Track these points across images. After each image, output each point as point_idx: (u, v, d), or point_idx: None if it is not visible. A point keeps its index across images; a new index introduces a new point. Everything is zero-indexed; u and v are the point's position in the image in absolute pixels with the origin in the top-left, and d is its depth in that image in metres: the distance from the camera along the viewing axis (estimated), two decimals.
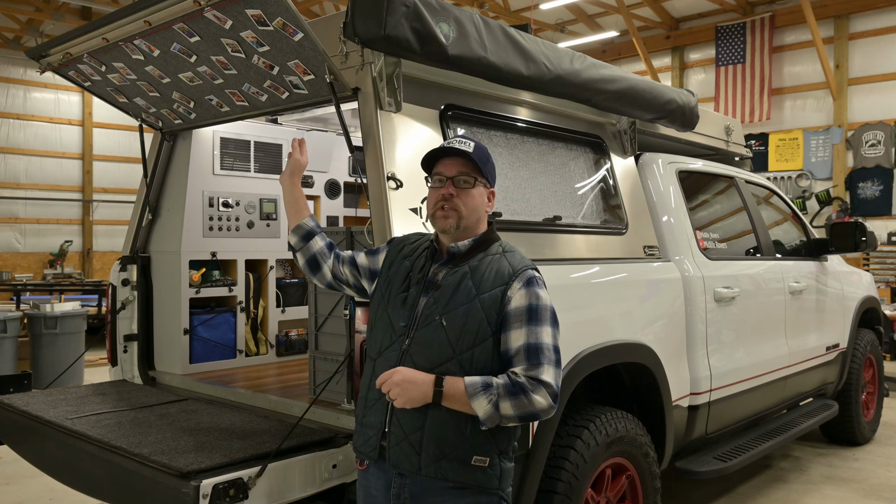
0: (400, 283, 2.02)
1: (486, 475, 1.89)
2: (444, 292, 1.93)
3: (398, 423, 1.91)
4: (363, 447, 2.00)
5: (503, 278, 1.92)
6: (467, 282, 1.93)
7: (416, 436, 1.88)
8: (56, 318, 7.13)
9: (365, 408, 2.00)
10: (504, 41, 2.77)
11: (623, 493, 2.97)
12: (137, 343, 3.61)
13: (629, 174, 3.53)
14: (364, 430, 2.00)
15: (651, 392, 3.16)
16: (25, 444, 2.86)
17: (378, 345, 2.01)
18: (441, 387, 1.82)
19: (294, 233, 2.25)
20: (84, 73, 3.19)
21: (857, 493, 4.33)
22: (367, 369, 2.05)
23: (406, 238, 2.16)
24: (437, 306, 1.92)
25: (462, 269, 1.96)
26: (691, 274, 3.45)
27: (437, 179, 2.01)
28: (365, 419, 2.00)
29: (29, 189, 12.73)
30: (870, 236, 4.72)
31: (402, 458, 1.90)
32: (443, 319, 1.90)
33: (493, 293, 1.89)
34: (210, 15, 2.47)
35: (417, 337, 1.92)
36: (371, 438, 1.96)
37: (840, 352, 4.88)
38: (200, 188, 3.75)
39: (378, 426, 1.95)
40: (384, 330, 2.00)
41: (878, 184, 10.69)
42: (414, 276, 2.01)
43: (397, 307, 1.99)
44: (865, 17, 10.81)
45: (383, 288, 2.06)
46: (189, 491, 2.00)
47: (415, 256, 2.06)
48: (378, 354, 1.99)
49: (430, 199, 2.03)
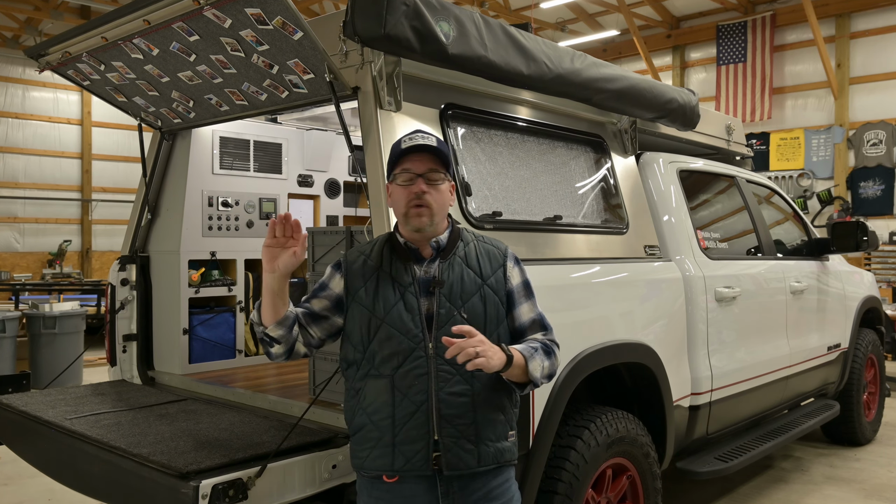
0: (389, 293, 1.91)
1: (513, 448, 1.99)
2: (452, 287, 1.92)
3: (448, 424, 1.85)
4: (409, 466, 1.86)
5: (498, 260, 2.00)
6: (468, 271, 1.94)
7: (471, 429, 1.87)
8: (55, 317, 7.12)
9: (395, 426, 1.86)
10: (504, 40, 2.77)
11: (624, 494, 2.96)
12: (136, 343, 3.61)
13: (630, 173, 3.52)
14: (402, 449, 1.86)
15: (652, 392, 3.15)
16: (24, 444, 2.86)
17: (394, 359, 1.88)
18: (510, 353, 1.83)
19: (280, 325, 1.94)
20: (83, 72, 3.18)
21: (858, 493, 4.32)
22: (375, 389, 1.90)
23: (355, 249, 2.03)
24: (451, 303, 1.90)
25: (454, 260, 1.95)
26: (692, 274, 3.44)
27: (405, 177, 1.92)
28: (400, 438, 1.86)
29: (28, 188, 12.72)
30: (871, 236, 4.70)
31: (460, 460, 1.86)
32: (462, 312, 1.89)
33: (497, 276, 1.98)
34: (209, 14, 2.46)
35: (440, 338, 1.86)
36: (419, 453, 1.85)
37: (841, 352, 4.87)
38: (200, 187, 3.75)
39: (424, 438, 1.85)
40: (397, 343, 1.88)
41: (879, 183, 10.67)
42: (402, 280, 1.93)
43: (401, 315, 1.89)
44: (867, 16, 10.79)
45: (370, 301, 1.92)
46: (188, 491, 1.99)
47: (385, 263, 1.95)
48: (396, 368, 1.88)
49: (400, 197, 1.93)
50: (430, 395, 1.86)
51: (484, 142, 2.85)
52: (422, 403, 1.85)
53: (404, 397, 1.87)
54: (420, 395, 1.86)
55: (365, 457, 1.92)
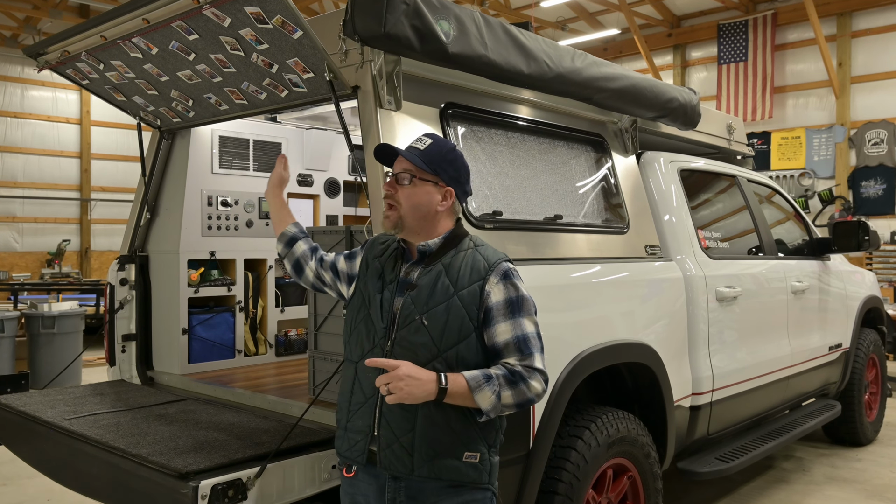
0: (375, 285, 2.01)
1: (477, 470, 1.92)
2: (422, 292, 1.91)
3: (388, 425, 1.89)
4: (349, 452, 1.98)
5: (479, 273, 1.92)
6: (443, 279, 1.91)
7: (408, 437, 1.88)
8: (54, 317, 7.11)
9: (349, 412, 1.99)
10: (505, 39, 2.76)
11: (624, 494, 2.96)
12: (136, 343, 3.60)
13: (630, 173, 3.51)
14: (349, 436, 1.99)
15: (653, 392, 3.14)
16: (23, 444, 2.85)
17: (359, 348, 2.00)
18: (445, 385, 1.79)
19: (279, 241, 2.31)
20: (82, 71, 3.17)
21: (859, 493, 4.31)
22: (347, 373, 2.04)
23: (377, 238, 2.13)
24: (415, 306, 1.90)
25: (436, 267, 1.94)
26: (693, 273, 3.43)
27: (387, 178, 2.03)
28: (350, 424, 1.98)
29: (26, 188, 12.69)
30: (872, 235, 4.69)
31: (395, 461, 1.89)
32: (423, 319, 1.88)
33: (472, 289, 1.90)
34: (209, 13, 2.45)
35: (399, 339, 1.90)
36: (358, 443, 1.96)
37: (843, 352, 4.86)
38: (199, 187, 3.74)
39: (366, 430, 1.94)
40: (365, 333, 1.98)
41: (881, 182, 10.66)
42: (386, 277, 1.99)
43: (376, 309, 1.97)
44: (868, 15, 10.77)
45: (362, 290, 2.05)
46: (187, 492, 1.99)
47: (384, 257, 2.05)
48: (360, 358, 1.98)
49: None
50: (377, 391, 1.88)
51: (484, 141, 2.84)
52: (370, 397, 1.93)
53: (360, 387, 1.97)
54: (370, 389, 1.93)
55: (336, 438, 2.06)
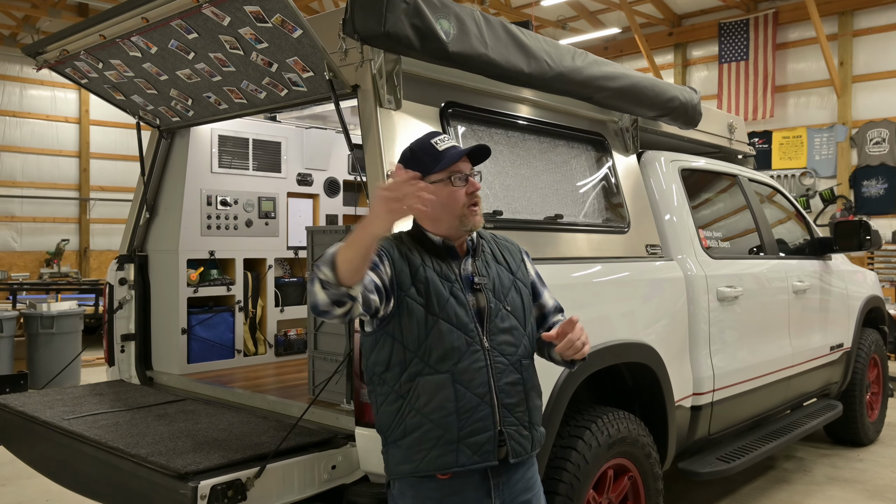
0: (441, 287, 1.91)
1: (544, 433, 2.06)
2: (492, 283, 1.99)
3: (509, 412, 1.92)
4: (475, 459, 1.86)
5: (518, 255, 2.12)
6: (499, 267, 2.04)
7: (525, 416, 1.96)
8: (52, 317, 7.09)
9: (460, 421, 1.86)
10: (505, 38, 2.75)
11: (625, 495, 2.95)
12: (135, 343, 3.59)
13: (631, 172, 3.50)
14: (467, 442, 1.86)
15: (653, 392, 3.14)
16: (22, 444, 2.85)
17: (450, 353, 1.88)
18: None
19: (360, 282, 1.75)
20: (81, 70, 3.17)
21: (861, 494, 4.30)
22: (435, 386, 1.86)
23: (388, 241, 1.95)
24: (495, 297, 1.97)
25: (487, 257, 2.04)
26: (694, 273, 3.42)
27: (458, 178, 1.96)
28: (464, 432, 1.86)
29: (25, 187, 12.66)
30: (874, 235, 4.68)
31: (522, 445, 1.94)
32: (505, 306, 1.98)
33: (521, 269, 2.09)
34: (208, 12, 2.44)
35: (493, 331, 1.94)
36: (485, 445, 1.87)
37: (844, 352, 4.85)
38: (198, 186, 3.73)
39: (490, 429, 1.88)
40: (453, 337, 1.88)
41: (882, 182, 10.64)
42: (448, 277, 1.94)
43: (455, 311, 1.90)
44: (870, 14, 10.75)
45: (424, 298, 1.89)
46: (187, 492, 1.98)
47: (427, 259, 1.94)
48: (455, 364, 1.87)
49: (457, 197, 1.95)
50: (490, 387, 1.90)
51: (484, 140, 2.83)
52: (484, 395, 1.89)
53: (467, 391, 1.88)
54: (482, 388, 1.89)
55: (422, 458, 1.88)
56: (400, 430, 1.90)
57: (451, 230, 1.98)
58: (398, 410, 1.90)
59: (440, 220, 1.97)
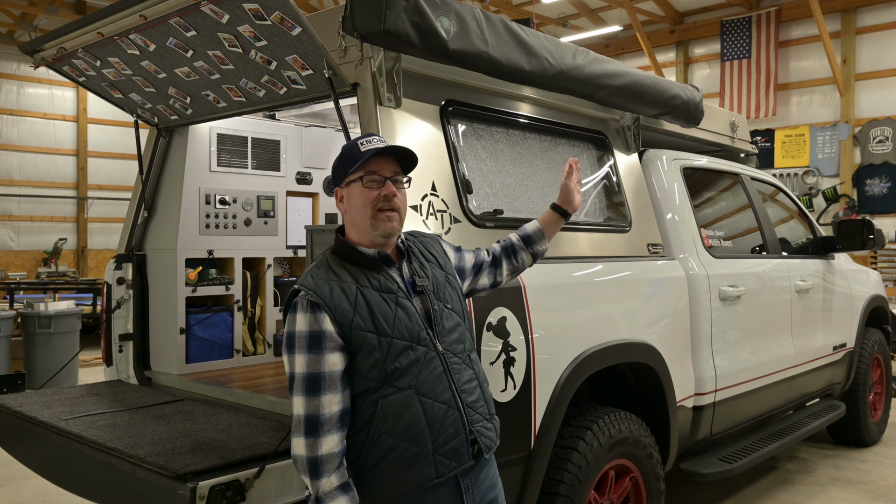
0: (384, 304, 1.82)
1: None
2: (432, 283, 1.94)
3: (472, 410, 1.89)
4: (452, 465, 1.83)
5: (439, 247, 2.08)
6: (431, 265, 1.99)
7: (484, 408, 1.94)
8: (50, 317, 7.05)
9: (433, 433, 1.80)
10: (506, 36, 2.73)
11: (627, 496, 2.94)
12: (133, 342, 3.58)
13: (633, 171, 3.48)
14: (443, 451, 1.81)
15: (655, 392, 3.12)
16: (19, 445, 2.84)
17: (410, 369, 1.80)
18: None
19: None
20: (78, 68, 3.15)
21: (864, 495, 4.28)
22: (400, 405, 1.78)
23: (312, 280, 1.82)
24: (437, 298, 1.93)
25: (419, 260, 1.98)
26: (696, 272, 3.40)
27: (370, 180, 1.85)
28: (438, 442, 1.81)
29: (23, 186, 12.66)
30: (877, 234, 4.66)
31: (490, 438, 1.93)
32: (446, 304, 1.94)
33: (446, 262, 2.06)
34: (207, 9, 2.43)
35: (442, 332, 1.89)
36: (460, 449, 1.84)
37: (847, 351, 4.83)
38: (197, 185, 3.71)
39: (461, 432, 1.84)
40: (410, 351, 1.81)
41: (885, 181, 10.61)
42: (390, 289, 1.84)
43: (405, 323, 1.82)
44: (873, 11, 10.71)
45: (370, 324, 1.79)
46: (185, 493, 1.97)
47: (359, 278, 1.83)
48: (415, 377, 1.80)
49: (366, 199, 1.85)
50: (453, 391, 1.85)
51: (485, 139, 2.81)
52: (449, 400, 1.84)
53: (433, 402, 1.82)
54: (445, 394, 1.84)
55: (401, 480, 1.80)
56: (373, 457, 1.80)
57: (365, 235, 1.86)
58: (366, 438, 1.79)
59: (356, 222, 1.87)
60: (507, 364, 2.44)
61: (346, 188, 1.90)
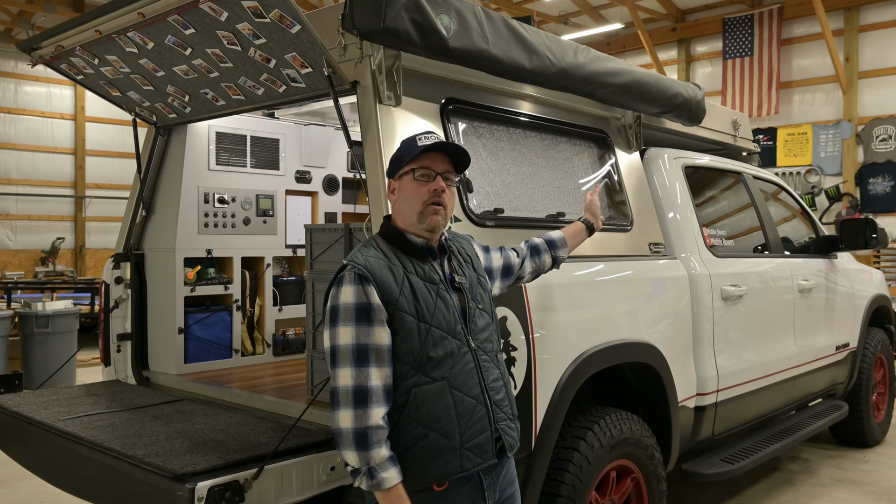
0: (427, 292, 1.88)
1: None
2: (468, 282, 1.99)
3: (498, 408, 1.93)
4: (478, 461, 1.86)
5: (472, 249, 2.13)
6: (466, 265, 2.03)
7: (509, 408, 1.98)
8: (48, 316, 7.04)
9: (460, 426, 1.84)
10: (506, 33, 2.72)
11: (628, 496, 2.92)
12: (131, 342, 3.57)
13: (634, 169, 3.46)
14: (469, 446, 1.85)
15: (657, 393, 3.11)
16: (16, 445, 2.83)
17: (445, 360, 1.85)
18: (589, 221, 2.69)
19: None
20: (76, 66, 3.13)
21: (867, 495, 4.27)
22: (432, 395, 1.82)
23: (363, 256, 1.88)
24: (471, 297, 1.98)
25: (458, 258, 2.03)
26: (698, 272, 3.38)
27: (422, 174, 1.91)
28: (465, 436, 1.85)
29: (20, 185, 12.63)
30: (880, 233, 4.64)
31: (513, 437, 1.97)
32: (479, 304, 1.98)
33: (479, 266, 2.11)
34: (205, 7, 2.41)
35: (474, 330, 1.94)
36: (486, 444, 1.88)
37: (850, 351, 4.81)
38: (195, 184, 3.70)
39: (488, 428, 1.89)
40: (446, 342, 1.86)
41: (888, 179, 10.57)
42: (433, 279, 1.90)
43: (444, 315, 1.87)
44: (876, 9, 10.68)
45: (413, 308, 1.84)
46: (184, 493, 1.97)
47: (406, 264, 1.89)
48: (449, 369, 1.85)
49: (416, 193, 1.90)
50: (482, 387, 1.90)
51: (485, 137, 2.80)
52: (478, 396, 1.89)
53: (463, 396, 1.87)
54: (475, 389, 1.89)
55: (426, 470, 1.83)
56: (401, 444, 1.83)
57: (412, 226, 1.92)
58: (396, 424, 1.83)
59: (403, 214, 1.93)
60: (507, 364, 2.43)
61: (398, 180, 1.96)
